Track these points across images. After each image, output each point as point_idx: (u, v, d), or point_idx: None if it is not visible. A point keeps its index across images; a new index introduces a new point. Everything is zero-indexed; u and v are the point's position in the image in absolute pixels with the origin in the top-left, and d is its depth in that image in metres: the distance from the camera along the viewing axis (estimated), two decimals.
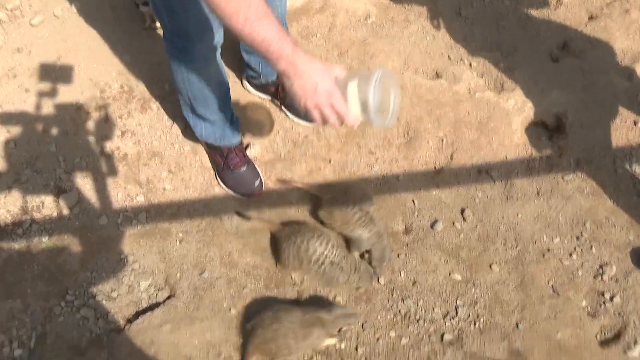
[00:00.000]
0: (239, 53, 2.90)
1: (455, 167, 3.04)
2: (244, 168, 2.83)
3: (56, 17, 3.21)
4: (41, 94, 2.91)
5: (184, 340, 2.53)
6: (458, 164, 3.04)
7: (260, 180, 2.88)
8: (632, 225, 2.89)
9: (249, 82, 3.06)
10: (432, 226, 2.89)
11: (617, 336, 2.66)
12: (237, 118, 2.76)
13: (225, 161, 2.82)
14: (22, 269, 2.62)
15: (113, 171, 2.84)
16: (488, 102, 3.17)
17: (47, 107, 2.88)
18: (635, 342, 2.63)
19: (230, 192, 2.87)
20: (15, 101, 2.87)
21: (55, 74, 2.96)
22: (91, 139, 2.88)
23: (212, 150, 2.84)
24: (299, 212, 2.88)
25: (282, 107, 3.03)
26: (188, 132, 2.93)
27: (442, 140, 3.08)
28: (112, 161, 2.86)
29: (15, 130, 2.83)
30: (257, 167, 2.90)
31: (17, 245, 2.66)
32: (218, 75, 2.49)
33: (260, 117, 3.01)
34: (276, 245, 2.71)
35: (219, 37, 2.26)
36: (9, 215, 2.70)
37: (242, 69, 3.04)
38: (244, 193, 2.87)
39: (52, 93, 2.92)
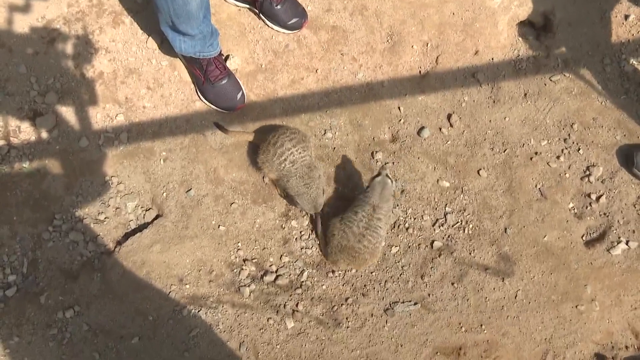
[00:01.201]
0: None
1: (440, 71, 2.91)
2: (224, 81, 2.67)
3: None
4: (7, 14, 2.67)
5: (175, 260, 2.50)
6: (444, 67, 2.91)
7: (242, 93, 2.73)
8: (619, 125, 2.82)
9: None
10: (418, 133, 2.78)
11: (601, 236, 2.68)
12: (217, 30, 2.58)
13: (205, 74, 2.66)
14: (5, 196, 2.52)
15: (90, 91, 2.67)
16: (473, 2, 2.99)
17: (12, 25, 2.65)
18: (618, 241, 2.66)
19: (212, 106, 2.72)
20: None
21: None
22: (63, 58, 2.68)
23: (191, 64, 2.66)
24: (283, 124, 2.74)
25: (261, 16, 2.81)
26: (165, 46, 2.73)
27: (427, 44, 2.92)
28: (87, 81, 2.67)
29: None
30: (239, 80, 2.73)
31: None
32: None
33: None
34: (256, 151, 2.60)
35: None
36: None
37: None
38: (225, 107, 2.73)
39: (16, 9, 2.68)
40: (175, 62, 2.73)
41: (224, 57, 2.75)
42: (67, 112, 2.61)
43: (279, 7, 2.76)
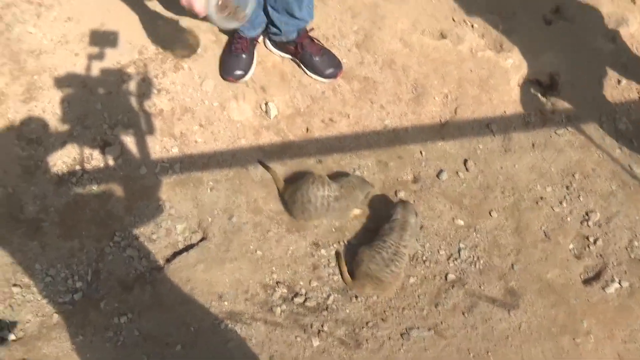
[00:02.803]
0: None
1: (458, 121, 3.06)
2: (239, 54, 2.95)
3: None
4: (88, 58, 2.93)
5: (216, 278, 2.63)
6: (461, 118, 3.06)
7: (243, 74, 2.97)
8: (614, 176, 2.98)
9: (270, 39, 3.06)
10: (437, 175, 2.93)
11: (597, 275, 2.78)
12: (264, 18, 2.89)
13: (231, 42, 2.97)
14: (77, 214, 2.71)
15: (150, 126, 2.89)
16: (488, 61, 3.17)
17: (94, 70, 2.91)
18: (612, 280, 2.74)
19: (218, 66, 3.01)
20: (67, 65, 2.89)
21: (99, 39, 2.96)
22: (131, 97, 2.91)
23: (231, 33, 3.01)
24: (317, 162, 2.94)
25: (301, 65, 3.02)
26: (217, 90, 2.96)
27: (447, 96, 3.09)
28: (149, 117, 2.90)
29: (68, 91, 2.87)
30: (251, 69, 3.00)
31: (73, 192, 2.74)
32: None
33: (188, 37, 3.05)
34: (286, 207, 2.78)
35: None
36: (65, 166, 2.77)
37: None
38: (222, 71, 2.99)
39: (97, 56, 2.94)
40: (225, 103, 2.95)
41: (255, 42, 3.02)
42: (131, 143, 2.83)
43: (317, 59, 2.96)
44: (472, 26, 3.24)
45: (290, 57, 3.07)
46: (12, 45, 2.96)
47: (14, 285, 2.56)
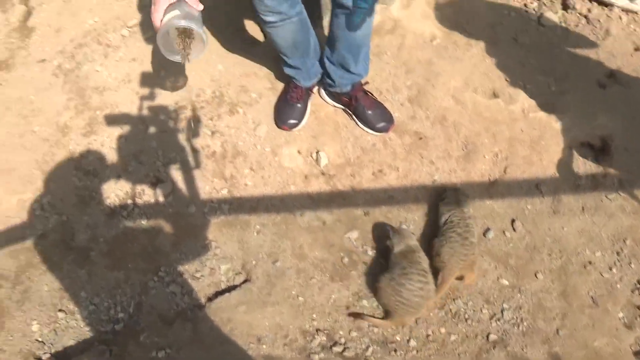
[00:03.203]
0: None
1: (508, 180, 3.04)
2: (294, 103, 3.03)
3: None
4: (148, 97, 3.06)
5: (256, 321, 2.62)
6: (511, 177, 3.04)
7: (297, 123, 3.04)
8: None
9: (325, 90, 3.13)
10: (484, 234, 2.90)
11: None
12: (319, 68, 2.99)
13: (287, 91, 3.06)
14: (126, 246, 2.77)
15: (202, 166, 2.95)
16: (540, 122, 3.17)
17: (152, 109, 3.03)
18: None
19: (273, 114, 3.08)
20: (128, 103, 3.03)
21: (159, 80, 3.08)
22: (185, 137, 3.00)
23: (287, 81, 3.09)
24: (364, 214, 2.94)
25: (354, 117, 3.08)
26: (269, 135, 3.03)
27: (497, 155, 3.08)
28: (201, 157, 2.97)
29: (126, 127, 2.98)
30: (305, 118, 3.07)
31: (123, 225, 2.81)
32: (298, 35, 2.70)
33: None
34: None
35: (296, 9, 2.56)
36: (117, 199, 2.84)
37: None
38: (277, 119, 3.06)
39: (157, 97, 3.06)
40: (276, 149, 3.00)
41: (311, 92, 3.11)
42: (182, 182, 2.90)
43: (370, 112, 3.02)
44: (525, 86, 3.26)
45: (343, 107, 3.13)
46: (80, 82, 3.11)
47: (60, 310, 2.60)
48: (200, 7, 2.08)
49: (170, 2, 2.00)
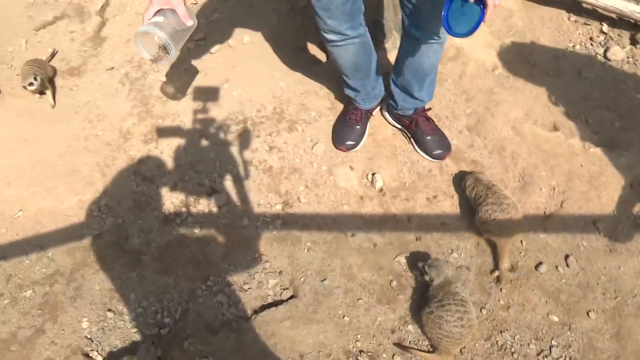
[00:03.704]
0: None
1: (563, 215, 2.97)
2: (353, 125, 3.05)
3: (230, 47, 3.43)
4: (209, 109, 3.13)
5: (300, 337, 2.60)
6: (567, 212, 2.97)
7: (355, 144, 3.06)
8: None
9: (387, 110, 3.15)
10: (536, 267, 2.83)
11: None
12: (380, 91, 3.03)
13: (346, 112, 3.08)
14: (177, 253, 2.81)
15: (258, 180, 2.98)
16: (601, 158, 3.09)
17: (212, 121, 3.10)
18: None
19: (331, 134, 3.11)
20: (189, 113, 3.11)
21: (222, 93, 3.15)
22: (244, 150, 3.04)
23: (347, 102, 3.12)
24: (416, 239, 2.90)
25: (412, 140, 3.08)
26: (326, 155, 3.05)
27: (554, 189, 3.02)
28: (258, 171, 3.00)
29: (186, 138, 3.06)
30: (363, 140, 3.09)
31: (175, 232, 2.85)
32: (359, 56, 2.73)
33: None
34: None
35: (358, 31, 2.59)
36: (172, 207, 2.90)
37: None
38: (335, 140, 3.08)
39: (218, 109, 3.13)
40: (332, 168, 3.01)
41: (370, 115, 3.13)
42: (237, 194, 2.93)
43: (428, 138, 3.01)
44: (587, 121, 3.20)
45: (402, 128, 3.13)
46: (144, 91, 3.21)
47: (109, 310, 2.65)
48: (190, 23, 2.16)
49: (163, 7, 2.11)
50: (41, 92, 3.28)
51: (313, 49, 3.42)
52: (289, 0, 3.61)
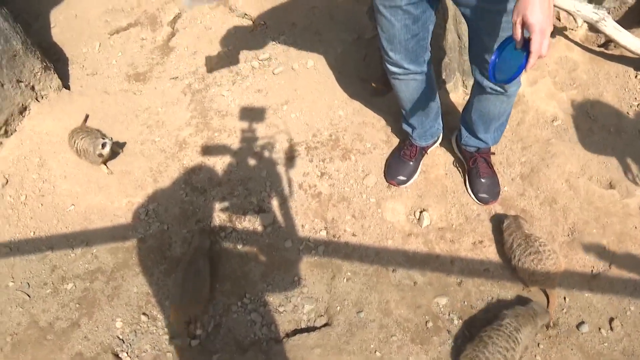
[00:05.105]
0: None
1: (612, 276, 2.87)
2: (406, 161, 3.05)
3: (293, 70, 3.48)
4: (266, 129, 3.18)
5: None
6: (616, 273, 2.88)
7: (406, 180, 3.05)
8: None
9: (456, 140, 3.13)
10: (577, 326, 2.75)
11: None
12: (437, 130, 3.03)
13: (401, 147, 3.08)
14: (217, 266, 2.82)
15: (306, 204, 2.99)
16: None
17: (268, 140, 3.13)
18: None
19: (384, 167, 3.11)
20: (245, 130, 3.16)
21: (281, 114, 3.20)
22: (295, 172, 3.06)
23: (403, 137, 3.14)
24: (457, 284, 2.86)
25: (465, 175, 3.08)
26: (376, 187, 3.04)
27: (604, 248, 2.93)
28: (307, 195, 3.01)
29: (240, 154, 3.11)
30: (414, 177, 3.08)
31: (218, 245, 2.88)
32: (420, 93, 2.73)
33: None
34: None
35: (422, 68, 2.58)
36: (219, 220, 2.93)
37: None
38: (386, 173, 3.08)
39: (274, 129, 3.18)
40: (381, 201, 3.00)
41: (424, 153, 3.12)
42: (284, 216, 2.94)
43: (481, 179, 2.98)
44: None
45: (461, 158, 3.12)
46: (204, 103, 3.28)
47: (143, 313, 2.69)
48: None
49: None
50: (114, 153, 3.16)
51: (375, 80, 3.45)
52: (356, 30, 3.66)
